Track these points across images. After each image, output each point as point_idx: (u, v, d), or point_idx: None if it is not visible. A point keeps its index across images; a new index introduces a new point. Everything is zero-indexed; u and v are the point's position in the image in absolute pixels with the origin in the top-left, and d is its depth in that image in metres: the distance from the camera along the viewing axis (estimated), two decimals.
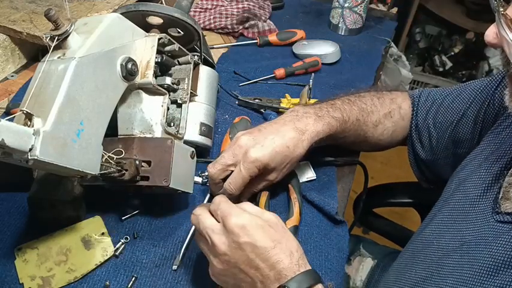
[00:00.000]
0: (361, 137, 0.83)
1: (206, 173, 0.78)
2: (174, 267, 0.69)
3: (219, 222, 0.59)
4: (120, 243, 0.71)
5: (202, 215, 0.60)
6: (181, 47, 0.76)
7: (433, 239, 0.68)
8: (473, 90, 0.79)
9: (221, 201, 0.60)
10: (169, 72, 0.78)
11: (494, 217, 0.59)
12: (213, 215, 0.61)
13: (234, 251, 0.57)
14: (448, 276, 0.60)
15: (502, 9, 0.45)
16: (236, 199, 0.73)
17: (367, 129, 0.82)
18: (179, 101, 0.76)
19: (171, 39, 0.74)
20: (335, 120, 0.77)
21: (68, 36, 0.59)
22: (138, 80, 0.68)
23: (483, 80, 0.79)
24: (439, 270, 0.62)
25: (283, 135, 0.72)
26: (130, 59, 0.65)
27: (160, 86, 0.71)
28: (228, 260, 0.58)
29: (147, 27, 0.75)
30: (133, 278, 0.67)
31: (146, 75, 0.68)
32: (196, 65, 0.81)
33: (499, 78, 0.75)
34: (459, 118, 0.79)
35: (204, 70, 0.83)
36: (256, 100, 1.02)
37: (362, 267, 1.00)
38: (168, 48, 0.75)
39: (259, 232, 0.57)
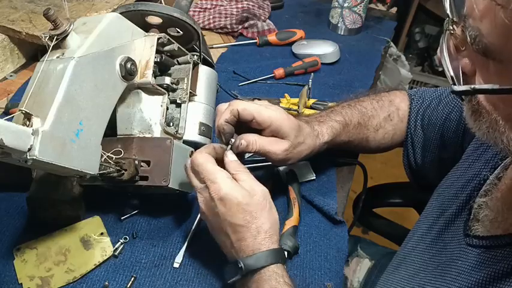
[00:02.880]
0: (363, 142, 0.83)
1: None
2: (176, 264, 0.69)
3: (201, 182, 0.62)
4: (119, 243, 0.71)
5: (189, 171, 0.65)
6: (180, 46, 0.76)
7: (415, 256, 0.68)
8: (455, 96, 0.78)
9: (203, 163, 0.62)
10: (169, 72, 0.78)
11: (465, 240, 0.59)
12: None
13: (211, 216, 0.63)
14: None
15: (451, 27, 0.44)
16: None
17: (369, 133, 0.83)
18: (178, 101, 0.76)
19: (171, 38, 0.73)
20: (337, 123, 0.78)
21: (67, 35, 0.59)
22: (137, 79, 0.68)
23: None
24: None
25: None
26: (129, 59, 0.65)
27: (160, 85, 0.71)
28: (206, 219, 0.64)
29: (147, 27, 0.74)
30: (133, 278, 0.67)
31: (145, 75, 0.68)
32: (195, 65, 0.81)
33: None
34: (443, 121, 0.79)
35: (203, 70, 0.83)
36: (256, 100, 1.01)
37: (359, 268, 1.00)
38: (167, 47, 0.74)
39: (234, 208, 0.60)
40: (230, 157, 0.65)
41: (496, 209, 0.57)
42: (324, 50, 1.19)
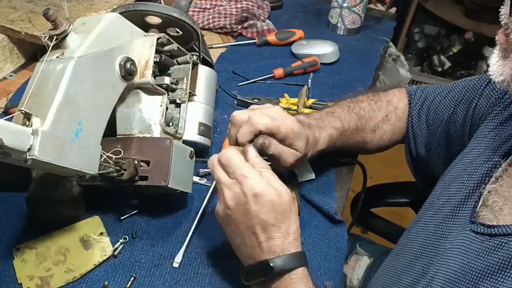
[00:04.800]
0: (360, 144, 0.83)
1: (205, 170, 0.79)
2: (176, 264, 0.69)
3: (230, 177, 0.60)
4: (119, 243, 0.71)
5: (216, 166, 0.62)
6: (180, 46, 0.76)
7: (417, 242, 0.68)
8: (462, 88, 0.79)
9: (234, 157, 0.61)
10: (168, 72, 0.78)
11: (470, 226, 0.58)
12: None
13: (239, 212, 0.60)
14: (431, 283, 0.60)
15: None
16: None
17: (366, 135, 0.83)
18: (178, 101, 0.76)
19: (170, 38, 0.73)
20: (336, 131, 0.78)
21: (67, 35, 0.59)
22: (136, 79, 0.68)
23: (473, 79, 0.79)
24: (424, 276, 0.62)
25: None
26: (129, 59, 0.65)
27: (159, 85, 0.71)
28: (231, 215, 0.60)
29: (146, 27, 0.75)
30: (132, 278, 0.67)
31: (145, 74, 0.68)
32: (195, 65, 0.81)
33: (488, 78, 0.75)
34: (449, 116, 0.79)
35: (202, 70, 0.83)
36: (255, 100, 1.02)
37: (358, 266, 1.00)
38: (166, 47, 0.75)
39: (268, 205, 0.59)
40: (253, 153, 0.64)
41: (506, 196, 0.56)
42: (323, 50, 1.19)
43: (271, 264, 0.58)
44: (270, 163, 0.66)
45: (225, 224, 0.63)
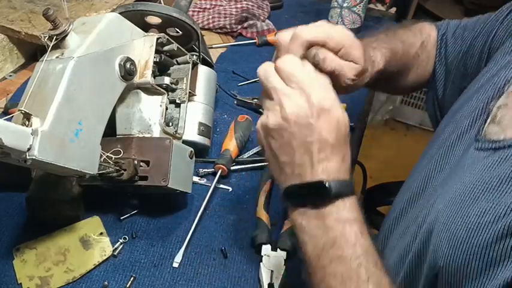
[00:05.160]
0: (405, 72, 0.81)
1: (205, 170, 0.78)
2: (175, 264, 0.69)
3: (292, 87, 0.53)
4: (119, 243, 0.71)
5: (271, 72, 0.54)
6: (179, 46, 0.76)
7: (425, 173, 0.64)
8: (482, 22, 0.77)
9: (299, 67, 0.54)
10: (168, 72, 0.78)
11: (474, 145, 0.55)
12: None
13: (298, 126, 0.52)
14: (432, 207, 0.56)
15: None
16: None
17: (409, 61, 0.80)
18: (178, 101, 0.76)
19: (170, 38, 0.74)
20: (388, 51, 0.73)
21: (66, 35, 0.59)
22: (136, 79, 0.68)
23: (495, 12, 0.76)
24: (428, 203, 0.59)
25: None
26: (128, 59, 0.65)
27: (159, 85, 0.71)
28: (287, 128, 0.53)
29: (146, 27, 0.75)
30: (132, 278, 0.67)
31: (145, 74, 0.68)
32: (194, 65, 0.81)
33: (507, 11, 0.73)
34: (466, 49, 0.78)
35: (202, 70, 0.83)
36: (255, 100, 1.01)
37: None
38: (166, 47, 0.75)
39: (333, 123, 0.52)
40: (310, 68, 0.56)
41: None
42: None
43: (327, 185, 0.51)
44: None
45: (273, 137, 0.54)
